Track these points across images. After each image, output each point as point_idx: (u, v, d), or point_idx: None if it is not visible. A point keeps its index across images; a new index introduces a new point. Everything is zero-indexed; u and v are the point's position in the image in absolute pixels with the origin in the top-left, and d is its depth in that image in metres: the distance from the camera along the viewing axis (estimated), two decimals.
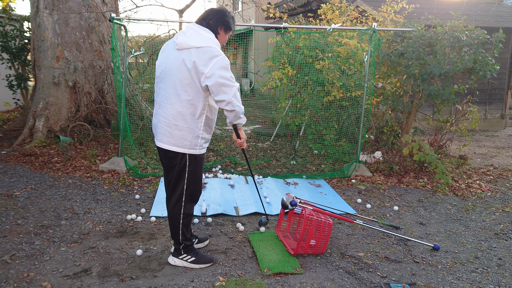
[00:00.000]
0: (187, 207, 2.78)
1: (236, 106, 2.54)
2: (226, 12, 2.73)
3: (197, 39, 2.53)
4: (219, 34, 2.69)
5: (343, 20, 6.41)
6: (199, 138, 2.62)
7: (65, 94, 6.48)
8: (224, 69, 2.49)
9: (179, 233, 2.80)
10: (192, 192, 2.77)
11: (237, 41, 9.12)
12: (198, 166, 2.72)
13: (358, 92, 5.61)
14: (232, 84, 2.51)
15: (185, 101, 2.55)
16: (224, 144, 6.42)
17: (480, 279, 2.83)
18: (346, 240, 3.40)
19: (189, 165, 2.67)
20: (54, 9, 6.36)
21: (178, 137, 2.60)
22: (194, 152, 2.64)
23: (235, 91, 2.52)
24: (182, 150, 2.62)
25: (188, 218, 2.82)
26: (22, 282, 2.61)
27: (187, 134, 2.59)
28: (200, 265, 2.85)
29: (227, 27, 2.71)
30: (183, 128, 2.58)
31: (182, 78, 2.53)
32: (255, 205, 4.05)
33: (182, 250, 2.84)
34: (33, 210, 3.80)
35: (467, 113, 5.83)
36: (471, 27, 5.11)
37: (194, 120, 2.58)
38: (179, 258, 2.85)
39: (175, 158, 2.65)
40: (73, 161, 5.31)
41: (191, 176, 2.70)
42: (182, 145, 2.61)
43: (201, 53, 2.48)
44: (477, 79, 5.24)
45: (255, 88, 11.74)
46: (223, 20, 2.68)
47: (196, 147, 2.64)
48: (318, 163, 5.68)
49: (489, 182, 5.13)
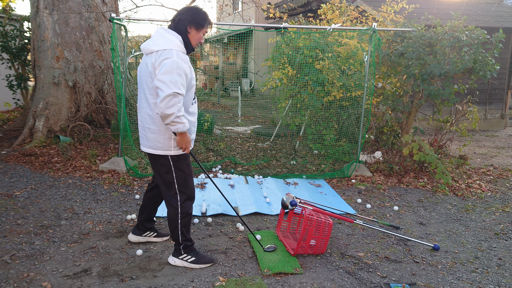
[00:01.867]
0: (184, 206, 2.77)
1: (167, 110, 2.42)
2: (196, 9, 2.70)
3: (157, 43, 2.55)
4: (190, 33, 2.65)
5: (343, 20, 6.41)
6: (172, 140, 2.64)
7: (65, 94, 6.48)
8: (167, 73, 2.43)
9: (179, 234, 2.80)
10: (186, 190, 2.76)
11: (237, 41, 9.12)
12: (184, 165, 2.73)
13: (358, 92, 5.61)
14: (166, 89, 2.40)
15: (152, 104, 2.60)
16: (224, 144, 6.42)
17: (480, 279, 2.83)
18: (346, 240, 3.40)
19: (173, 165, 2.69)
20: (54, 9, 6.36)
21: (152, 139, 2.66)
22: (169, 153, 2.66)
23: (168, 96, 2.40)
24: (158, 152, 2.66)
25: (187, 218, 2.81)
26: (22, 282, 2.61)
27: (159, 137, 2.63)
28: (200, 265, 2.85)
29: (198, 25, 2.66)
30: (155, 130, 2.64)
31: (148, 82, 2.59)
32: (255, 205, 4.05)
33: (182, 250, 2.84)
34: (33, 210, 3.80)
35: (467, 113, 5.83)
36: (471, 27, 5.11)
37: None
38: (179, 258, 2.85)
39: (157, 160, 2.70)
40: (73, 161, 5.31)
41: (179, 175, 2.72)
42: (156, 147, 2.66)
43: (158, 56, 2.52)
44: (477, 79, 5.24)
45: (255, 88, 11.75)
46: (192, 18, 2.64)
47: (171, 148, 2.65)
48: (318, 163, 5.68)
49: (489, 182, 5.13)
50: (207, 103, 11.20)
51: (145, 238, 3.20)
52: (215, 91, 13.62)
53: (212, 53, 17.65)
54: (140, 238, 3.18)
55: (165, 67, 2.46)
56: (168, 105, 2.42)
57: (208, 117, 6.88)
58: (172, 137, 2.64)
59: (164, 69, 2.45)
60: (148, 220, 3.17)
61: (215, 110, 10.30)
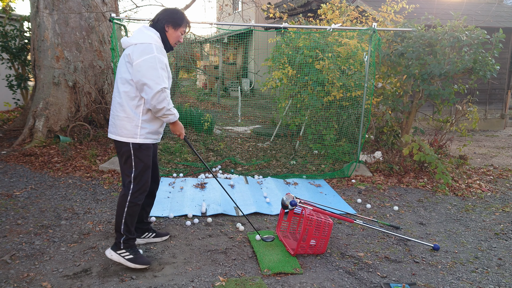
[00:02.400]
0: (135, 195, 2.79)
1: (158, 105, 2.62)
2: (174, 9, 2.86)
3: (137, 37, 2.70)
4: (168, 32, 2.81)
5: (343, 20, 6.41)
6: (138, 128, 2.72)
7: (65, 94, 6.48)
8: (152, 69, 2.59)
9: (122, 222, 2.78)
10: (140, 181, 2.80)
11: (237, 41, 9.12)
12: (144, 156, 2.78)
13: (358, 92, 5.61)
14: (154, 86, 2.58)
15: (123, 93, 2.71)
16: (224, 144, 6.42)
17: (480, 279, 2.83)
18: (346, 240, 3.40)
19: (134, 154, 2.75)
20: (54, 9, 6.36)
21: (119, 126, 2.74)
22: (134, 140, 2.73)
23: (157, 93, 2.58)
24: (122, 139, 2.74)
25: (134, 208, 2.81)
26: (22, 282, 2.62)
27: (126, 124, 2.72)
28: (136, 265, 2.78)
29: (175, 24, 2.80)
30: (123, 118, 2.72)
31: (122, 72, 2.71)
32: (255, 205, 4.05)
33: (122, 244, 2.80)
34: (33, 210, 3.80)
35: (467, 113, 5.83)
36: (471, 27, 5.11)
37: (133, 110, 2.70)
38: (117, 252, 2.80)
39: (120, 147, 2.77)
40: (73, 161, 5.31)
41: (137, 164, 2.76)
42: (122, 134, 2.73)
43: (137, 48, 2.66)
44: (477, 79, 5.24)
45: (255, 88, 11.75)
46: (169, 17, 2.79)
47: (136, 136, 2.73)
48: (318, 163, 5.68)
49: (489, 182, 5.13)
50: (207, 103, 11.20)
51: (144, 240, 3.19)
52: (215, 91, 13.62)
53: (212, 53, 17.65)
54: (139, 240, 3.17)
55: (148, 63, 2.59)
56: (159, 100, 2.61)
57: (208, 117, 6.88)
58: (140, 125, 2.72)
59: (148, 65, 2.59)
60: (143, 222, 3.16)
61: (215, 110, 10.29)
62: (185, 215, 3.78)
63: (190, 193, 4.36)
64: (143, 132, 2.74)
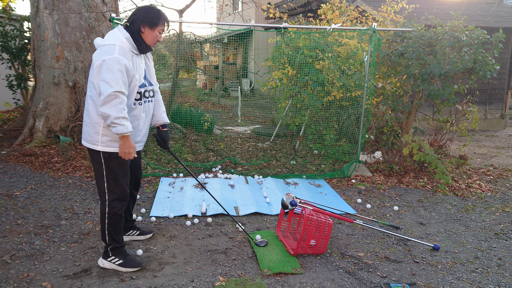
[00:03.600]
0: (113, 206, 2.69)
1: (105, 110, 2.41)
2: (149, 7, 2.66)
3: (105, 38, 2.57)
4: (143, 33, 2.63)
5: (343, 20, 6.41)
6: (99, 135, 2.58)
7: (65, 94, 6.48)
8: (109, 71, 2.42)
9: (105, 233, 2.74)
10: (115, 190, 2.69)
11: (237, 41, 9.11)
12: (115, 164, 2.65)
13: (358, 92, 5.61)
14: (106, 88, 2.39)
15: (88, 97, 2.60)
16: (224, 144, 6.42)
17: (480, 279, 2.83)
18: (346, 240, 3.40)
19: (104, 163, 2.63)
20: (54, 9, 6.36)
21: (84, 131, 2.66)
22: (96, 148, 2.60)
23: (107, 96, 2.39)
24: (87, 145, 2.65)
25: (115, 219, 2.72)
26: (22, 282, 2.62)
27: (89, 129, 2.62)
28: (127, 269, 2.77)
29: (152, 23, 2.61)
30: (87, 123, 2.64)
31: (89, 76, 2.58)
32: (255, 205, 4.05)
33: (110, 252, 2.78)
34: (33, 210, 3.80)
35: (467, 113, 5.83)
36: (471, 27, 5.11)
37: (96, 116, 2.56)
38: (107, 260, 2.79)
39: (92, 155, 2.68)
40: (73, 161, 5.31)
41: (108, 173, 2.65)
42: (86, 139, 2.65)
43: (99, 50, 2.53)
44: (477, 79, 5.24)
45: (255, 88, 11.75)
46: (145, 17, 2.60)
47: (97, 143, 2.60)
48: (318, 163, 5.68)
49: (489, 182, 5.13)
50: (207, 103, 11.21)
51: (128, 237, 3.21)
52: (215, 91, 13.62)
53: (212, 53, 17.65)
54: (124, 237, 3.13)
55: (106, 65, 2.42)
56: (108, 105, 2.40)
57: (208, 117, 6.89)
58: (100, 132, 2.58)
59: (106, 67, 2.42)
60: (127, 220, 3.16)
61: (215, 110, 10.30)
62: (185, 215, 3.78)
63: (190, 193, 4.36)
64: (104, 140, 2.58)
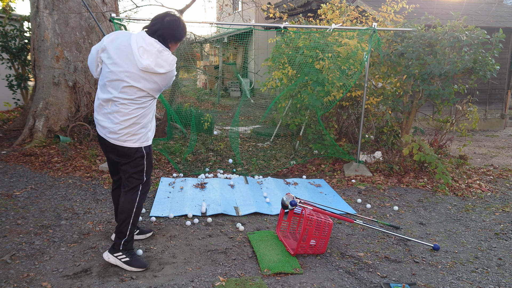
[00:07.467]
0: (143, 197, 2.88)
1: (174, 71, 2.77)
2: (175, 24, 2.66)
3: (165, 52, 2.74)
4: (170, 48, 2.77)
5: (343, 20, 6.40)
6: (150, 131, 2.90)
7: (65, 94, 6.48)
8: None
9: (129, 225, 2.80)
10: (148, 181, 2.91)
11: (237, 41, 9.11)
12: (151, 156, 2.92)
13: (358, 92, 5.61)
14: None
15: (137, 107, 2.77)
16: (224, 144, 6.42)
17: (480, 279, 2.83)
18: (346, 240, 3.40)
19: (146, 156, 2.86)
20: (54, 9, 6.36)
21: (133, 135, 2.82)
22: (146, 144, 2.87)
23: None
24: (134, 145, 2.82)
25: (141, 209, 2.89)
26: (22, 282, 2.62)
27: (141, 131, 2.82)
28: (132, 268, 2.78)
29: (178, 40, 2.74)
30: (139, 126, 2.80)
31: (144, 84, 2.73)
32: (255, 205, 4.05)
33: (121, 246, 2.80)
34: (33, 210, 3.80)
35: (467, 113, 5.83)
36: (471, 27, 5.11)
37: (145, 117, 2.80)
38: (114, 255, 2.81)
39: (130, 153, 2.84)
40: (73, 161, 5.31)
41: (148, 165, 2.88)
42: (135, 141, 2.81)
43: (166, 58, 2.73)
44: (477, 79, 5.24)
45: (255, 88, 11.75)
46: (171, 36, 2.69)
47: (148, 140, 2.89)
48: (318, 163, 5.68)
49: (489, 182, 5.13)
50: (207, 103, 11.21)
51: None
52: (215, 91, 13.62)
53: (212, 53, 17.66)
54: None
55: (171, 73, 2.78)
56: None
57: (208, 117, 6.88)
58: (151, 128, 2.89)
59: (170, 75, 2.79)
60: None
61: (215, 110, 10.30)
62: (185, 215, 3.78)
63: (190, 193, 4.36)
64: (149, 135, 2.89)
